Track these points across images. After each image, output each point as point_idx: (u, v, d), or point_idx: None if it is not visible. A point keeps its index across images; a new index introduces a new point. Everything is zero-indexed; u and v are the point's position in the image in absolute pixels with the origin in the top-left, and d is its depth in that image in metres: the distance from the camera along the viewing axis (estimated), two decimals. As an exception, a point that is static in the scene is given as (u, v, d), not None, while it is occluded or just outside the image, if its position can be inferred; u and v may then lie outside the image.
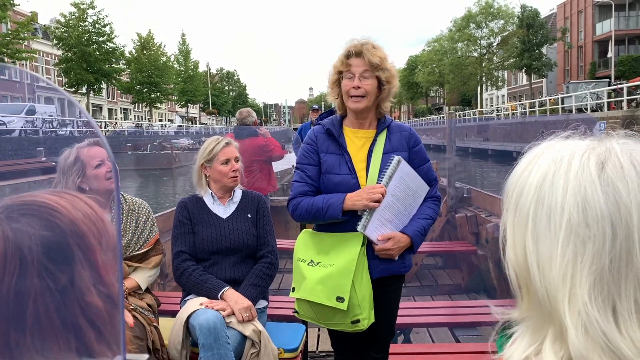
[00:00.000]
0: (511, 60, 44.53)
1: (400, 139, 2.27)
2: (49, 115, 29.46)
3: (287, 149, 6.95)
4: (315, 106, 8.65)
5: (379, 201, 2.11)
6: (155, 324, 2.52)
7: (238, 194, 2.87)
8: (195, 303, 2.52)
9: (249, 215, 2.81)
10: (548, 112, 29.53)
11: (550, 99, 31.68)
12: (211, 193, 2.80)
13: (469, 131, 37.78)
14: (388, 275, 2.25)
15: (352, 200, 2.12)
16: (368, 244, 2.20)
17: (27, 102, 39.89)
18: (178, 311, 2.61)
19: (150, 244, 2.67)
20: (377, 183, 2.15)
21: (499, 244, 0.74)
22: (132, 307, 2.46)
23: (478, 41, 48.56)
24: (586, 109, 25.01)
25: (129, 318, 2.27)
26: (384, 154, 2.21)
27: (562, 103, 28.46)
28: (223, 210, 2.80)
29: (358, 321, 2.13)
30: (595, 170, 0.63)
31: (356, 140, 2.26)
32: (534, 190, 0.66)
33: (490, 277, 5.14)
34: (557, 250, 0.62)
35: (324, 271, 2.15)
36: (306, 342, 3.00)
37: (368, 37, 2.21)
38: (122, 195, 2.74)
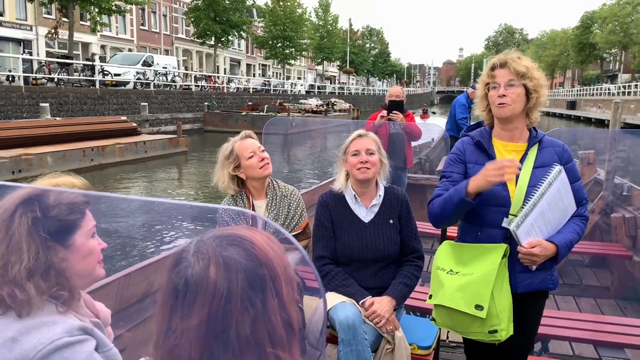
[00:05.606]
0: None
1: (552, 154, 2.24)
2: (163, 67, 27.66)
3: (428, 112, 5.88)
4: (475, 85, 6.43)
5: (504, 174, 2.05)
6: (300, 305, 2.56)
7: (381, 190, 2.81)
8: (335, 297, 2.60)
9: (391, 221, 2.79)
10: None
11: None
12: (354, 194, 2.79)
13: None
14: (533, 291, 2.22)
15: (476, 179, 2.09)
16: (511, 257, 2.17)
17: (162, 53, 39.46)
18: (318, 289, 2.69)
19: (300, 229, 2.85)
20: (529, 195, 2.14)
21: None
22: None
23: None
24: None
25: None
26: (535, 168, 2.19)
27: None
28: (365, 213, 2.77)
29: (495, 331, 2.12)
30: None
31: (506, 154, 2.25)
32: None
33: None
34: None
35: (463, 279, 2.17)
36: (439, 335, 2.99)
37: (512, 51, 2.29)
38: (275, 181, 2.86)
